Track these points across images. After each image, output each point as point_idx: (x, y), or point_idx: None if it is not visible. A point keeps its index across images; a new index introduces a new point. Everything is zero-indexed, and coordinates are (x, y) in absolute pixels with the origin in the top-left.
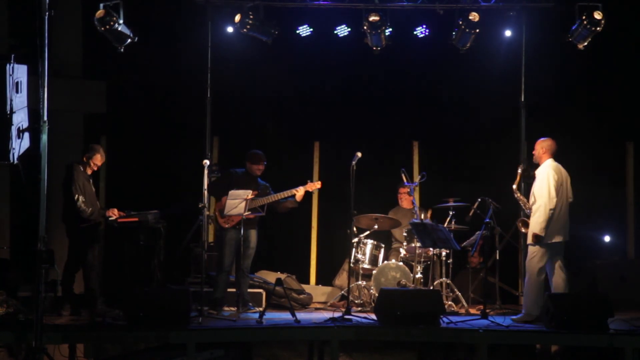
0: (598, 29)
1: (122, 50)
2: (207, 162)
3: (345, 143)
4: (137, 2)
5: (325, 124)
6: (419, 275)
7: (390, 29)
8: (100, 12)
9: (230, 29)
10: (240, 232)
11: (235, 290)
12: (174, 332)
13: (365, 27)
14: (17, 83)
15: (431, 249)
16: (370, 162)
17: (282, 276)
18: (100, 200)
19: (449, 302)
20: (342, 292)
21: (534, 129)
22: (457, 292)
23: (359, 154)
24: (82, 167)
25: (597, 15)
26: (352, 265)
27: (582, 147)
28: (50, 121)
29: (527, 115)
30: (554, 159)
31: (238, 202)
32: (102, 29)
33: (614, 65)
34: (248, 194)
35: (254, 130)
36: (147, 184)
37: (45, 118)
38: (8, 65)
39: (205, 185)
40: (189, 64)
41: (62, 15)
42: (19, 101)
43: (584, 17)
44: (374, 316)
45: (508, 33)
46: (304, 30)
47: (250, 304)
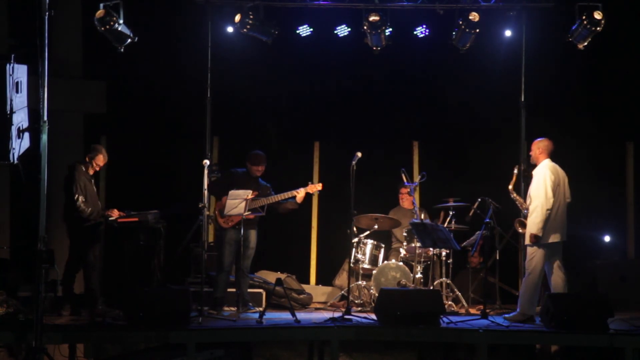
0: (598, 29)
1: (122, 50)
2: (207, 162)
3: (345, 143)
4: (137, 2)
5: (325, 124)
6: (419, 275)
7: (390, 29)
8: (100, 12)
9: (230, 29)
10: (240, 232)
11: (235, 290)
12: (174, 332)
13: (365, 27)
14: (17, 83)
15: (431, 249)
16: (370, 162)
17: (282, 276)
18: (101, 200)
19: (449, 302)
20: (342, 292)
21: (534, 129)
22: (457, 292)
23: (359, 154)
24: (83, 167)
25: (597, 15)
26: (352, 265)
27: (582, 147)
28: (50, 121)
29: (527, 115)
30: (551, 159)
31: (238, 202)
32: (102, 29)
33: (614, 65)
34: (248, 194)
35: (254, 130)
36: (147, 184)
37: (45, 118)
38: (8, 65)
39: (205, 185)
40: (189, 64)
41: (62, 15)
42: (19, 101)
43: (584, 17)
44: (374, 316)
45: (508, 33)
46: (304, 30)
47: (250, 304)
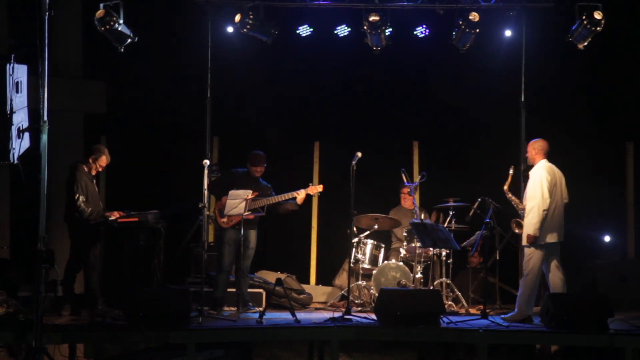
0: (598, 29)
1: (122, 50)
2: (207, 162)
3: (345, 143)
4: (137, 2)
5: (325, 124)
6: (419, 275)
7: (390, 29)
8: (100, 12)
9: (230, 29)
10: (240, 232)
11: (235, 290)
12: (174, 332)
13: (365, 27)
14: (17, 83)
15: (431, 249)
16: (370, 162)
17: (282, 276)
18: (101, 200)
19: (449, 302)
20: (342, 292)
21: (534, 129)
22: (457, 292)
23: (359, 154)
24: (86, 167)
25: (597, 15)
26: (352, 265)
27: (582, 147)
28: (50, 121)
29: (527, 115)
30: (549, 159)
31: (238, 202)
32: (102, 29)
33: (614, 65)
34: (248, 194)
35: (254, 130)
36: (147, 184)
37: (45, 118)
38: (8, 65)
39: (205, 185)
40: (188, 64)
41: (62, 15)
42: (19, 101)
43: (584, 17)
44: (374, 316)
45: (508, 33)
46: (304, 30)
47: (250, 304)
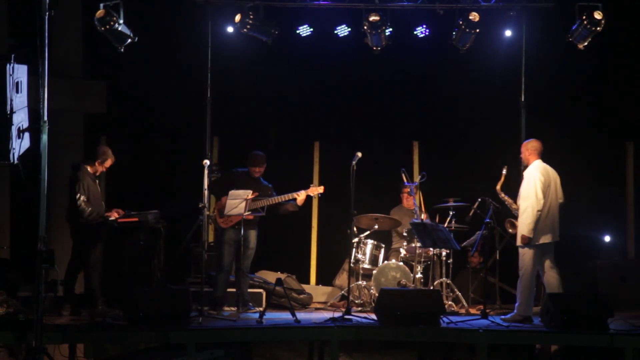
0: (598, 29)
1: (122, 50)
2: (207, 162)
3: (345, 143)
4: (137, 2)
5: (325, 124)
6: (419, 275)
7: (390, 29)
8: (100, 12)
9: (230, 29)
10: (240, 232)
11: (235, 290)
12: (174, 332)
13: (365, 27)
14: (17, 83)
15: (431, 249)
16: (370, 162)
17: (282, 276)
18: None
19: (449, 302)
20: (342, 292)
21: (534, 129)
22: (457, 292)
23: (359, 154)
24: (89, 168)
25: (597, 15)
26: (352, 265)
27: (582, 147)
28: (50, 121)
29: (527, 115)
30: (542, 159)
31: (238, 202)
32: (102, 29)
33: (614, 65)
34: (248, 194)
35: (254, 130)
36: (147, 184)
37: (45, 118)
38: (8, 65)
39: (205, 185)
40: (188, 63)
41: (62, 15)
42: (19, 101)
43: (584, 17)
44: (374, 316)
45: (508, 33)
46: (304, 30)
47: (250, 304)
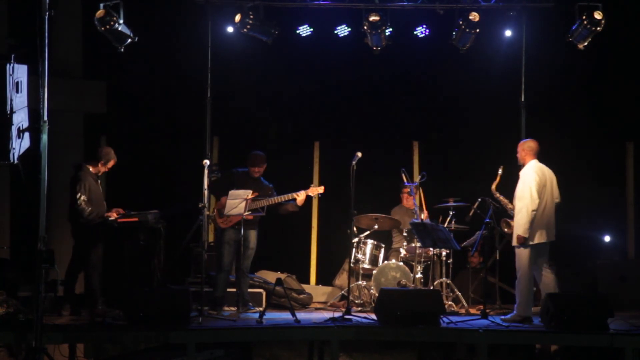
0: (598, 29)
1: (122, 50)
2: (207, 162)
3: (345, 143)
4: (137, 2)
5: (325, 124)
6: (419, 275)
7: (390, 29)
8: (100, 12)
9: (230, 29)
10: (240, 232)
11: (235, 290)
12: (174, 332)
13: (365, 27)
14: (17, 83)
15: (431, 249)
16: (370, 162)
17: (282, 276)
18: None
19: (449, 302)
20: (342, 292)
21: (534, 129)
22: (457, 292)
23: (359, 154)
24: (92, 168)
25: (597, 15)
26: (352, 265)
27: (582, 147)
28: (50, 121)
29: (527, 115)
30: (538, 159)
31: (238, 202)
32: (102, 29)
33: (614, 65)
34: (248, 194)
35: (254, 130)
36: (147, 184)
37: (45, 118)
38: (8, 65)
39: (205, 185)
40: (189, 63)
41: (62, 15)
42: (19, 101)
43: (584, 17)
44: (374, 316)
45: (508, 33)
46: (304, 30)
47: (250, 304)
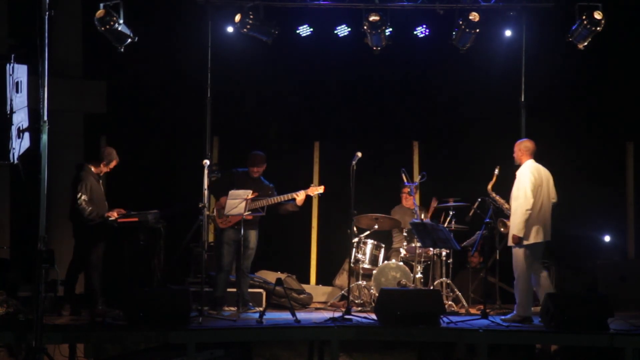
0: (598, 29)
1: (122, 50)
2: (207, 162)
3: (345, 143)
4: (137, 2)
5: (326, 124)
6: (419, 275)
7: (390, 29)
8: (100, 12)
9: (230, 29)
10: (240, 232)
11: (235, 290)
12: (174, 332)
13: (365, 27)
14: (17, 83)
15: (431, 249)
16: (370, 162)
17: (282, 276)
18: None
19: (449, 302)
20: (342, 292)
21: (533, 129)
22: (457, 292)
23: (359, 154)
24: (93, 168)
25: (597, 15)
26: (352, 265)
27: (582, 147)
28: (50, 121)
29: (527, 115)
30: (535, 159)
31: (238, 202)
32: (102, 29)
33: (614, 65)
34: (248, 194)
35: (254, 130)
36: (147, 184)
37: (45, 118)
38: (8, 65)
39: (205, 185)
40: (189, 63)
41: (62, 15)
42: (19, 101)
43: (584, 17)
44: (374, 316)
45: (508, 33)
46: (304, 30)
47: (250, 304)
